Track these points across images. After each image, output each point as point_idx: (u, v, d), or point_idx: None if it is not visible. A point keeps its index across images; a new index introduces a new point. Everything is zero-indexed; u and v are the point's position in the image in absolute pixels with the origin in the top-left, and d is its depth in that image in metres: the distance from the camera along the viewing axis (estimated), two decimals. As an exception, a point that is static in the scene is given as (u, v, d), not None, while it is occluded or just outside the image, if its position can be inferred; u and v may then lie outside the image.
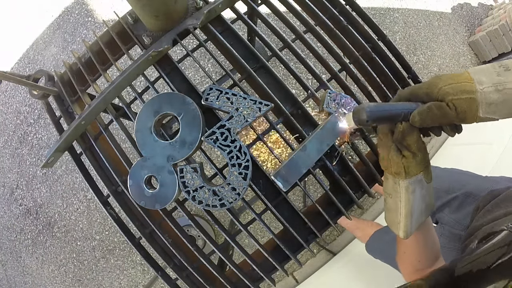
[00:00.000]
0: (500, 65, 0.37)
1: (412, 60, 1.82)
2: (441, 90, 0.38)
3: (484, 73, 0.37)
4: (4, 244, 1.80)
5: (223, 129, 0.52)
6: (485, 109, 0.36)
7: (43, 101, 0.66)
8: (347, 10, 0.66)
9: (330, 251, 1.61)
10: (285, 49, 0.63)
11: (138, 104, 0.60)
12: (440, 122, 0.38)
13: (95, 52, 0.64)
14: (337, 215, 0.58)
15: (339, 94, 0.54)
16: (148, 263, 0.59)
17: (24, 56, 1.84)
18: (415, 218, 0.44)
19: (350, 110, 0.53)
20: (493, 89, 0.36)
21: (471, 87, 0.36)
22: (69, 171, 1.69)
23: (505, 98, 0.35)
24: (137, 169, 0.53)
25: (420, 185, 0.43)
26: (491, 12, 1.97)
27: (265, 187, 0.56)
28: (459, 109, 0.36)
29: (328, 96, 0.53)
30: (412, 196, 0.43)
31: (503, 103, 0.36)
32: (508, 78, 0.36)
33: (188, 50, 0.60)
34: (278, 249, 0.56)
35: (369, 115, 0.38)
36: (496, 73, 0.36)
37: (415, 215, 0.44)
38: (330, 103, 0.53)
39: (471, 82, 0.37)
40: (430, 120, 0.38)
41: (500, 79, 0.36)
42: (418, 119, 0.38)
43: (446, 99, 0.37)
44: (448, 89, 0.37)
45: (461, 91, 0.37)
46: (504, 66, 0.37)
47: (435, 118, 0.37)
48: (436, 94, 0.38)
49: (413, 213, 0.44)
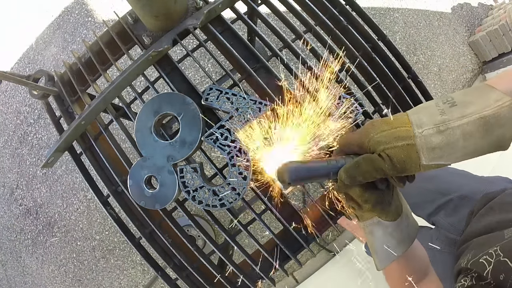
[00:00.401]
0: (445, 100, 0.32)
1: (412, 60, 1.82)
2: (372, 140, 0.33)
3: (425, 113, 0.32)
4: (4, 244, 1.80)
5: (223, 129, 0.51)
6: (427, 155, 0.31)
7: (43, 101, 0.66)
8: (347, 10, 0.66)
9: (330, 251, 1.62)
10: (285, 49, 0.63)
11: (138, 104, 0.60)
12: (373, 178, 0.33)
13: (95, 52, 0.64)
14: (337, 215, 0.58)
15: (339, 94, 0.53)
16: (148, 263, 0.59)
17: (24, 56, 1.84)
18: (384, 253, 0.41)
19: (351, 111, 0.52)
20: (434, 131, 0.30)
21: (407, 132, 0.31)
22: (69, 171, 1.69)
23: (450, 141, 0.30)
24: (137, 169, 0.53)
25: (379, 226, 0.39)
26: (491, 12, 1.97)
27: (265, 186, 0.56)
28: (396, 160, 0.31)
29: None
30: (370, 236, 0.41)
31: (448, 146, 0.30)
32: (452, 116, 0.30)
33: (188, 50, 0.60)
34: (278, 249, 0.56)
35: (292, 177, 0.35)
36: (439, 112, 0.31)
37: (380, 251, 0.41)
38: None
39: (408, 126, 0.32)
40: (361, 177, 0.33)
41: (443, 119, 0.30)
42: (346, 177, 0.34)
43: (377, 149, 0.32)
44: (379, 137, 0.32)
45: (395, 138, 0.31)
46: (449, 102, 0.31)
47: (366, 173, 0.33)
48: (367, 144, 0.33)
49: (377, 250, 0.41)
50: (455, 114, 0.30)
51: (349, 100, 0.53)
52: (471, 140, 0.30)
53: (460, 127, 0.30)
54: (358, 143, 0.35)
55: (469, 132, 0.30)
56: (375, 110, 0.63)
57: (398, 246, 0.41)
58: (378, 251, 0.41)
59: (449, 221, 0.75)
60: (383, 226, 0.39)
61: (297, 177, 0.35)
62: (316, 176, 0.36)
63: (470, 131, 0.30)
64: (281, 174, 0.35)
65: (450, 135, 0.30)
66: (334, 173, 0.35)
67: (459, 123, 0.30)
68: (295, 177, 0.35)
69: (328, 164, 0.35)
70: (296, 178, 0.35)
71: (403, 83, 0.63)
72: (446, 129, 0.30)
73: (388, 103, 0.63)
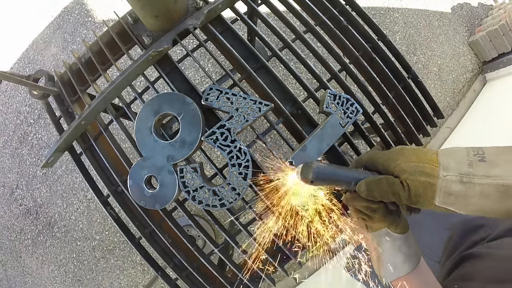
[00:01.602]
0: (476, 152, 0.33)
1: (412, 60, 1.82)
2: (398, 166, 0.34)
3: (454, 158, 0.33)
4: (4, 244, 1.80)
5: (223, 129, 0.51)
6: (442, 198, 0.32)
7: (43, 101, 0.66)
8: (347, 10, 0.66)
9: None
10: (285, 49, 0.63)
11: (138, 104, 0.60)
12: (388, 199, 0.35)
13: (95, 52, 0.64)
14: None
15: (339, 94, 0.54)
16: (148, 263, 0.59)
17: (24, 56, 1.84)
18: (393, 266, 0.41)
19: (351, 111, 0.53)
20: (457, 179, 0.31)
21: (433, 170, 0.32)
22: (69, 171, 1.69)
23: (467, 194, 0.31)
24: (137, 169, 0.53)
25: (388, 237, 0.40)
26: (491, 12, 1.97)
27: (265, 187, 0.56)
28: (413, 192, 0.33)
29: (328, 97, 0.53)
30: (379, 248, 0.40)
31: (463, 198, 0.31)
32: (478, 171, 0.31)
33: (188, 50, 0.60)
34: (278, 249, 0.56)
35: (315, 176, 0.36)
36: (467, 163, 0.32)
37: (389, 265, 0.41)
38: (330, 103, 0.53)
39: (435, 165, 0.33)
40: (378, 194, 0.34)
41: (468, 171, 0.31)
42: (364, 189, 0.35)
43: (401, 176, 0.34)
44: (406, 167, 0.34)
45: (420, 172, 0.33)
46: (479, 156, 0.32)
47: (383, 193, 0.34)
48: (392, 169, 0.35)
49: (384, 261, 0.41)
50: (481, 171, 0.31)
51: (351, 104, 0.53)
52: (486, 201, 0.31)
53: (481, 185, 0.31)
54: (384, 164, 0.36)
55: (487, 194, 0.31)
56: (375, 110, 0.63)
57: (405, 262, 0.41)
58: (385, 264, 0.41)
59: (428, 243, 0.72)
60: (392, 239, 0.40)
61: (321, 176, 0.36)
62: (338, 181, 0.37)
63: (488, 192, 0.30)
64: (306, 171, 0.36)
65: (469, 189, 0.31)
66: (355, 183, 0.36)
67: (481, 181, 0.31)
68: (319, 175, 0.36)
69: (352, 173, 0.37)
70: (320, 177, 0.36)
71: (403, 83, 0.63)
72: (468, 182, 0.31)
73: (388, 103, 0.63)
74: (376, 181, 0.35)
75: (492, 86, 1.85)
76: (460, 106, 1.84)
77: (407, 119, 0.62)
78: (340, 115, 0.52)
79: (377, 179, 0.35)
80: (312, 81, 1.61)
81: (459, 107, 1.84)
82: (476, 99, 1.85)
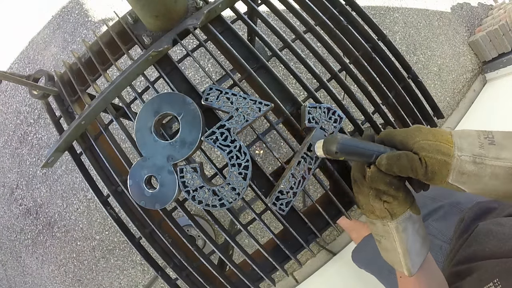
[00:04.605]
0: (486, 136, 0.35)
1: (412, 60, 1.82)
2: (417, 143, 0.36)
3: (466, 140, 0.35)
4: (4, 244, 1.80)
5: (223, 129, 0.51)
6: (455, 177, 0.34)
7: (43, 101, 0.66)
8: (347, 10, 0.66)
9: (330, 251, 1.62)
10: (285, 49, 0.63)
11: (138, 104, 0.60)
12: (406, 174, 0.36)
13: (95, 52, 0.64)
14: (337, 215, 0.58)
15: (318, 105, 0.51)
16: (148, 263, 0.59)
17: (24, 56, 1.84)
18: (415, 253, 0.42)
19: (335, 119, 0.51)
20: (470, 159, 0.34)
21: (449, 150, 0.35)
22: (69, 171, 1.69)
23: (479, 173, 0.33)
24: (137, 169, 0.53)
25: (411, 221, 0.41)
26: (491, 12, 1.97)
27: (265, 186, 0.56)
28: (430, 168, 0.35)
29: (308, 111, 0.51)
30: (404, 235, 0.41)
31: (475, 177, 0.34)
32: (489, 153, 0.33)
33: (188, 50, 0.60)
34: (278, 249, 0.56)
35: (340, 147, 0.36)
36: (479, 144, 0.34)
37: (413, 251, 0.42)
38: (311, 118, 0.51)
39: (450, 145, 0.35)
40: (397, 169, 0.36)
41: (481, 152, 0.34)
42: (385, 163, 0.36)
43: (420, 153, 0.36)
44: (424, 144, 0.36)
45: (437, 151, 0.35)
46: (489, 139, 0.34)
47: (402, 168, 0.36)
48: (411, 146, 0.37)
49: (411, 250, 0.42)
50: (492, 153, 0.33)
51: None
52: (495, 182, 0.33)
53: (492, 167, 0.33)
54: (402, 141, 0.38)
55: (496, 175, 0.33)
56: (375, 110, 0.63)
57: (423, 245, 0.42)
58: (412, 249, 0.42)
59: (437, 226, 0.73)
60: (412, 221, 0.41)
61: (345, 149, 0.37)
62: (361, 154, 0.38)
63: (498, 174, 0.33)
64: (330, 143, 0.38)
65: (481, 169, 0.33)
66: (377, 156, 0.37)
67: (492, 163, 0.33)
68: (343, 147, 0.37)
69: (373, 147, 0.38)
70: (344, 149, 0.37)
71: (403, 83, 0.63)
72: (480, 162, 0.33)
73: (388, 103, 0.63)
74: (397, 156, 0.36)
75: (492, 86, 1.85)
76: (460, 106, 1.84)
77: (407, 119, 0.62)
78: (324, 126, 0.51)
79: (398, 154, 0.36)
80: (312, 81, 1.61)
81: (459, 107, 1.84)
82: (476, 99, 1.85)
